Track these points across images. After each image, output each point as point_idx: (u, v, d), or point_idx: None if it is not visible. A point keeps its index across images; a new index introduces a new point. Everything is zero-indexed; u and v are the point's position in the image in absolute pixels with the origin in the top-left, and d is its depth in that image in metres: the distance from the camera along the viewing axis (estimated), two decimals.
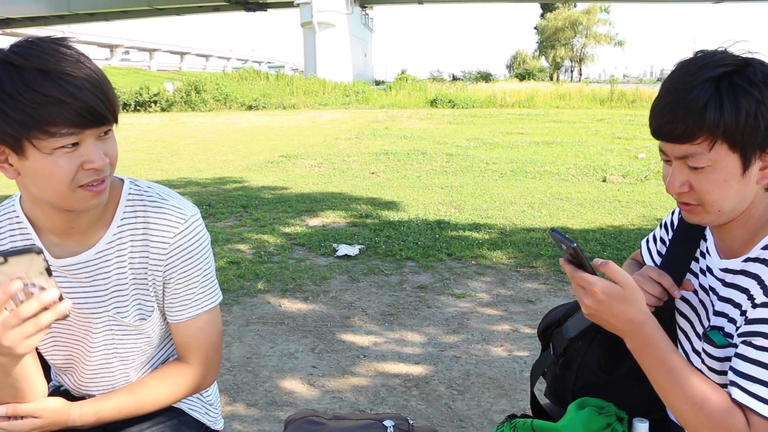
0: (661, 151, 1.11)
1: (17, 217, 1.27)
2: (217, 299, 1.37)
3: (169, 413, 1.45)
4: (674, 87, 1.05)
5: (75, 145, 1.08)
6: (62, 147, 1.07)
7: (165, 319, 1.36)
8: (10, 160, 1.10)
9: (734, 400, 1.02)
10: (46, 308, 1.01)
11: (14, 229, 1.27)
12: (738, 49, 1.07)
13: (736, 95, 1.00)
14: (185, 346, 1.35)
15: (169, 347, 1.42)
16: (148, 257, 1.27)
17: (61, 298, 1.02)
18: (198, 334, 1.34)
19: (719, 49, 1.07)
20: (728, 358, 1.10)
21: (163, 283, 1.30)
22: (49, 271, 1.01)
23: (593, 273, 1.05)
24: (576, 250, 1.03)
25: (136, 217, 1.27)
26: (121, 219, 1.27)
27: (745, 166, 1.04)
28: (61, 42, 1.09)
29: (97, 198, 1.16)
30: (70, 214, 1.20)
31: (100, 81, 1.09)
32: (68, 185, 1.10)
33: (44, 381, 1.25)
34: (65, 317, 1.03)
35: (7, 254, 0.97)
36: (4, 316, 1.00)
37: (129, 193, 1.29)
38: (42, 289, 1.01)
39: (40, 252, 0.98)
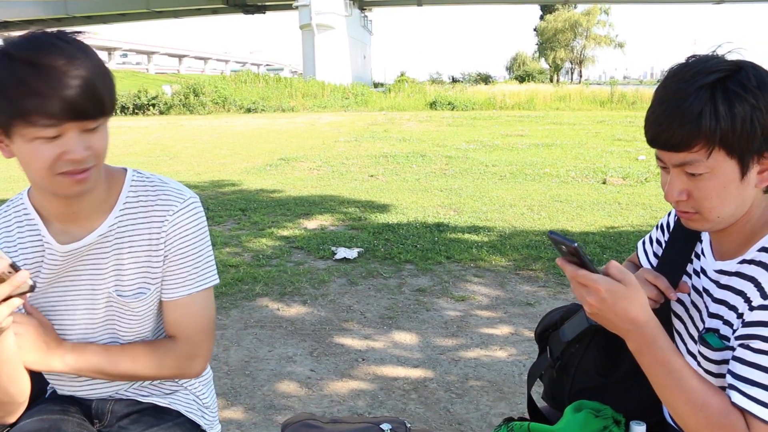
0: (658, 158, 1.10)
1: (25, 208, 1.32)
2: (211, 281, 1.38)
3: (164, 415, 1.44)
4: (668, 96, 1.04)
5: (55, 137, 1.11)
6: (41, 137, 1.10)
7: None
8: (5, 141, 1.15)
9: (733, 404, 1.02)
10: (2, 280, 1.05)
11: (22, 220, 1.32)
12: (729, 53, 1.06)
13: (731, 101, 1.00)
14: (172, 324, 1.37)
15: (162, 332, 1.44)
16: (150, 237, 1.32)
17: (15, 269, 1.05)
18: (186, 313, 1.36)
19: (711, 54, 1.07)
20: (725, 361, 1.09)
21: (163, 262, 1.33)
22: None
23: (595, 272, 1.04)
24: (577, 249, 1.02)
25: (138, 200, 1.32)
26: (124, 203, 1.32)
27: (743, 171, 1.04)
28: (62, 36, 1.12)
29: (79, 185, 1.18)
30: (67, 199, 1.23)
31: (90, 77, 1.10)
32: (46, 171, 1.14)
33: (26, 376, 1.28)
34: (31, 288, 1.07)
35: None
36: None
37: (132, 180, 1.34)
38: None
39: None
